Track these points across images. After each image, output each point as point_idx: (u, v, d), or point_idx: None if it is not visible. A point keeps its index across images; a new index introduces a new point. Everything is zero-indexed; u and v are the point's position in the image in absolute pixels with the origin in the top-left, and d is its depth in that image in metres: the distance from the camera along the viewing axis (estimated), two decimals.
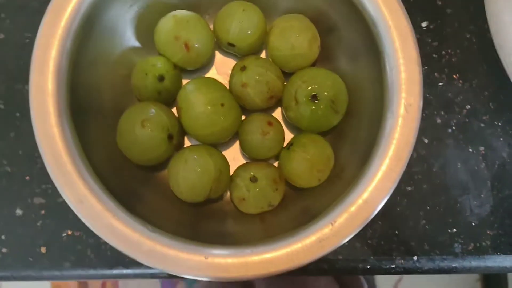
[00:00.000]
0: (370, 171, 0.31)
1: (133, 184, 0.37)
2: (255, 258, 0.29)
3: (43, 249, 0.39)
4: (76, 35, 0.32)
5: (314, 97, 0.36)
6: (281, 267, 0.29)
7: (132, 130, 0.35)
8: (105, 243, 0.39)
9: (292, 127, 0.40)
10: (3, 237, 0.39)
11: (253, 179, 0.36)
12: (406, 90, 0.31)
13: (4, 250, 0.39)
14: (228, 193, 0.39)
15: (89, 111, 0.35)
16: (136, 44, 0.39)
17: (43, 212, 0.40)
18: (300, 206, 0.37)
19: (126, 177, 0.37)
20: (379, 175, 0.30)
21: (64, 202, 0.39)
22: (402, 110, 0.31)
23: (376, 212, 0.30)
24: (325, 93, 0.36)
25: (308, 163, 0.36)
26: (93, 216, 0.29)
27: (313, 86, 0.36)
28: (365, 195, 0.30)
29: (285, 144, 0.39)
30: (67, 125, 0.31)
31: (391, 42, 0.31)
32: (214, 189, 0.36)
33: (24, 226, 0.40)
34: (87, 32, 0.33)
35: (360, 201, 0.30)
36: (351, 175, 0.34)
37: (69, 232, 0.39)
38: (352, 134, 0.38)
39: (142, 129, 0.35)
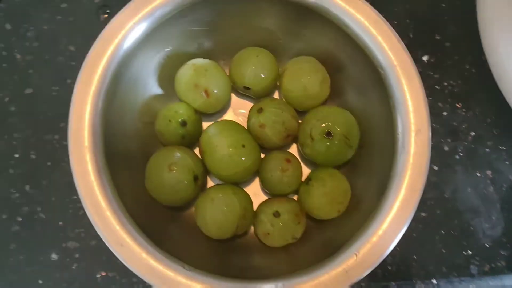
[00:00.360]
0: (387, 203, 0.33)
1: (161, 223, 0.39)
2: None
3: None
4: (107, 90, 0.34)
5: (329, 134, 0.38)
6: None
7: (160, 174, 0.37)
8: (138, 283, 0.41)
9: (309, 162, 0.42)
10: (40, 281, 0.41)
11: (276, 214, 0.38)
12: (416, 125, 0.33)
13: None
14: (252, 228, 0.41)
15: (119, 159, 0.37)
16: (158, 92, 0.42)
17: (77, 255, 0.42)
18: (322, 237, 0.39)
19: (155, 217, 0.39)
20: (396, 206, 0.32)
21: (97, 245, 0.41)
22: (413, 146, 0.33)
23: (397, 241, 0.32)
24: (338, 130, 0.38)
25: (327, 196, 0.38)
26: (133, 258, 0.31)
27: (326, 123, 0.38)
28: (385, 225, 0.32)
29: (303, 179, 0.41)
30: (104, 174, 0.33)
31: (399, 83, 0.34)
32: (240, 225, 0.38)
33: (60, 270, 0.41)
34: (116, 86, 0.36)
35: (380, 232, 0.32)
36: (368, 206, 0.36)
37: (103, 273, 0.41)
38: (365, 166, 0.40)
39: (169, 173, 0.37)
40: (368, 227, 0.33)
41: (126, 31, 0.35)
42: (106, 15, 0.46)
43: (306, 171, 0.42)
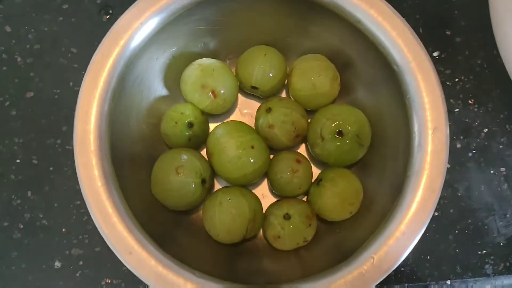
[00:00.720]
0: (404, 204, 0.32)
1: (168, 228, 0.38)
2: None
3: None
4: (113, 92, 0.33)
5: (340, 133, 0.37)
6: None
7: (167, 178, 0.36)
8: None
9: (318, 162, 0.41)
10: None
11: (287, 217, 0.37)
12: (432, 124, 0.32)
13: None
14: (262, 231, 0.40)
15: (124, 163, 0.36)
16: (163, 93, 0.41)
17: (81, 262, 0.41)
18: (333, 240, 0.38)
19: (161, 222, 0.38)
20: (413, 207, 0.31)
21: (101, 252, 0.40)
22: (430, 145, 0.32)
23: (414, 243, 0.31)
24: (350, 128, 0.37)
25: (339, 197, 0.37)
26: (142, 265, 0.30)
27: (337, 122, 0.37)
28: (402, 227, 0.31)
29: (313, 180, 0.40)
30: (110, 179, 0.32)
31: (415, 80, 0.33)
32: (250, 229, 0.37)
33: (64, 278, 0.40)
34: (122, 87, 0.35)
35: (397, 234, 0.31)
36: (381, 207, 0.35)
37: (108, 281, 0.40)
38: (376, 165, 0.39)
39: (176, 176, 0.36)
40: (384, 229, 0.32)
41: (132, 31, 0.34)
42: (108, 16, 0.45)
43: (316, 171, 0.41)
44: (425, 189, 0.31)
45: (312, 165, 0.41)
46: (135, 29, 0.33)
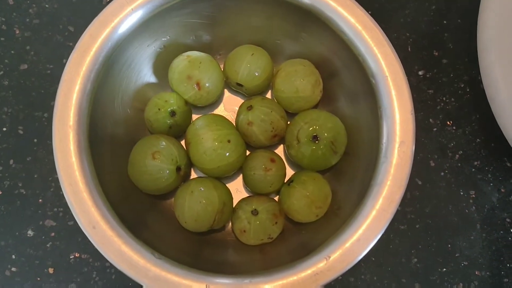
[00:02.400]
0: (365, 211, 0.33)
1: (140, 211, 0.39)
2: (251, 287, 0.31)
3: (51, 270, 0.41)
4: (98, 72, 0.35)
5: (315, 138, 0.38)
6: None
7: (143, 161, 0.37)
8: (110, 267, 0.41)
9: (293, 163, 0.42)
10: (13, 256, 0.41)
11: (254, 212, 0.38)
12: (400, 137, 0.33)
13: (13, 269, 0.41)
14: (230, 224, 0.41)
15: (104, 141, 0.37)
16: (151, 80, 0.42)
17: (53, 234, 0.42)
18: (298, 240, 0.39)
19: (134, 204, 0.39)
20: (372, 214, 0.32)
21: (73, 226, 0.42)
22: (395, 157, 0.33)
23: (368, 249, 0.32)
24: (325, 134, 0.38)
25: (307, 199, 0.38)
26: (104, 241, 0.31)
27: (314, 127, 0.38)
28: (359, 232, 0.32)
29: (286, 180, 0.41)
30: (85, 155, 0.33)
31: (388, 93, 0.34)
32: (218, 220, 0.38)
33: (34, 247, 0.42)
34: (108, 69, 0.36)
35: (354, 238, 0.32)
36: (347, 213, 0.36)
37: (77, 255, 0.41)
38: (349, 173, 0.40)
39: (152, 161, 0.37)
40: (342, 233, 0.33)
41: (123, 16, 0.35)
42: (108, 0, 0.46)
43: (290, 172, 0.42)
44: (384, 199, 0.32)
45: (287, 166, 0.42)
46: (126, 14, 0.35)
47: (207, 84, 0.40)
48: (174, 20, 0.39)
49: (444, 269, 0.42)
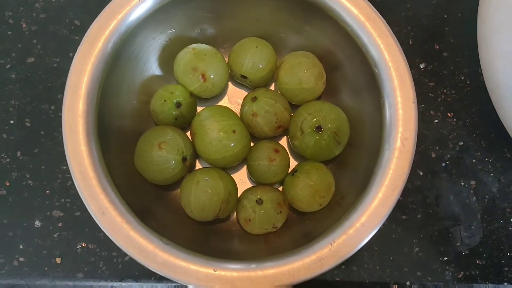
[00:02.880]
0: (368, 198, 0.33)
1: (147, 201, 0.40)
2: (260, 272, 0.32)
3: (58, 260, 0.42)
4: (106, 63, 0.35)
5: (319, 128, 0.39)
6: (283, 281, 0.32)
7: (149, 152, 0.38)
8: (117, 257, 0.41)
9: (297, 155, 0.43)
10: (21, 246, 0.42)
11: (259, 202, 0.39)
12: (403, 125, 0.34)
13: (21, 259, 0.42)
14: (235, 214, 0.41)
15: (112, 132, 0.38)
16: (157, 72, 0.43)
17: (60, 224, 0.42)
18: (302, 229, 0.40)
19: (141, 194, 0.39)
20: (376, 201, 0.33)
21: (81, 216, 0.42)
22: (398, 144, 0.34)
23: (371, 235, 0.32)
24: (329, 125, 0.39)
25: (311, 189, 0.39)
26: (114, 227, 0.32)
27: (317, 118, 0.39)
28: (363, 219, 0.33)
29: (289, 170, 0.42)
30: (94, 144, 0.34)
31: (391, 82, 0.35)
32: (223, 209, 0.38)
33: (42, 237, 0.42)
34: (115, 61, 0.36)
35: (357, 225, 0.33)
36: (350, 202, 0.36)
37: (84, 244, 0.42)
38: (352, 163, 0.41)
39: (159, 151, 0.38)
40: (346, 220, 0.33)
41: (130, 7, 0.36)
42: None
43: (293, 164, 0.43)
44: (388, 186, 0.33)
45: (291, 157, 0.43)
46: (133, 6, 0.35)
47: (212, 76, 0.41)
48: (179, 13, 0.40)
49: (446, 258, 0.43)
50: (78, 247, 0.42)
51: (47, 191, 0.43)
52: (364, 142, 0.40)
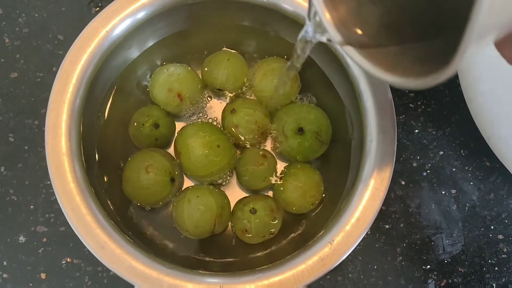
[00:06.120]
0: (358, 192, 0.34)
1: (139, 225, 0.40)
2: (265, 282, 0.32)
3: (43, 275, 0.42)
4: (82, 97, 0.36)
5: (300, 130, 0.40)
6: (289, 287, 0.32)
7: (137, 177, 0.38)
8: (102, 272, 0.41)
9: (283, 159, 0.43)
10: (5, 263, 0.42)
11: (253, 211, 0.39)
12: (380, 114, 0.35)
13: (5, 275, 0.41)
14: (230, 226, 0.42)
15: (98, 162, 0.39)
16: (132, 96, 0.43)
17: (44, 239, 0.42)
18: (299, 231, 0.41)
19: (132, 218, 0.40)
20: (366, 195, 0.34)
21: (65, 231, 0.42)
22: (379, 133, 0.35)
23: (368, 228, 0.33)
24: (310, 126, 0.40)
25: (300, 190, 0.39)
26: (115, 260, 0.32)
27: (297, 120, 0.40)
28: (357, 214, 0.34)
29: (278, 174, 0.42)
30: (82, 178, 0.34)
31: (362, 74, 0.36)
32: (218, 224, 0.39)
33: (26, 253, 0.42)
34: (91, 92, 0.37)
35: (353, 220, 0.34)
36: (342, 197, 0.37)
37: (69, 260, 0.42)
38: (339, 159, 0.42)
39: (146, 175, 0.38)
40: (341, 216, 0.34)
41: (99, 39, 0.36)
42: (97, 8, 0.47)
43: (281, 166, 0.43)
44: (376, 178, 0.34)
45: (278, 162, 0.43)
46: (101, 37, 0.36)
47: (187, 94, 0.41)
48: (153, 34, 0.40)
49: (428, 266, 0.43)
50: (63, 262, 0.42)
51: (31, 206, 0.43)
52: (347, 136, 0.40)
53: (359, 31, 0.26)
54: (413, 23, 0.25)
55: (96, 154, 0.38)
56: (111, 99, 0.40)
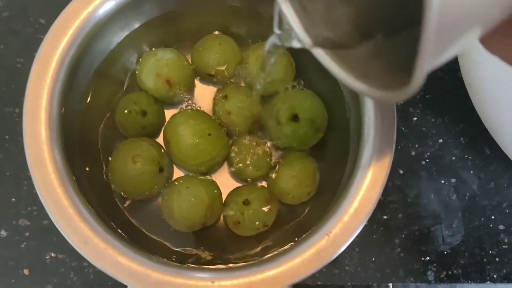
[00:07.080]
0: (357, 181, 0.32)
1: (125, 218, 0.38)
2: (259, 276, 0.31)
3: (26, 271, 0.40)
4: (62, 83, 0.33)
5: (295, 117, 0.38)
6: (284, 282, 0.30)
7: (124, 167, 0.36)
8: (88, 267, 0.40)
9: (277, 147, 0.42)
10: None
11: (246, 202, 0.38)
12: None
13: None
14: (222, 218, 0.40)
15: (79, 152, 0.36)
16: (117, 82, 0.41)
17: (27, 234, 0.40)
18: (294, 223, 0.39)
19: (118, 211, 0.38)
20: (365, 183, 0.32)
21: (49, 225, 0.40)
22: (378, 116, 0.33)
23: (366, 219, 0.31)
24: (305, 113, 0.38)
25: (296, 179, 0.38)
26: (99, 255, 0.30)
27: (292, 107, 0.38)
28: (355, 204, 0.32)
29: (272, 164, 0.40)
30: (63, 169, 0.32)
31: None
32: (209, 216, 0.37)
33: (8, 248, 0.40)
34: (73, 77, 0.34)
35: (351, 211, 0.32)
36: (340, 187, 0.35)
37: (53, 255, 0.40)
38: (336, 147, 0.40)
39: (133, 165, 0.36)
40: (338, 207, 0.32)
41: (80, 20, 0.34)
42: None
43: (275, 156, 0.41)
44: (375, 167, 0.32)
45: (272, 151, 0.41)
46: (83, 18, 0.34)
47: (177, 80, 0.39)
48: (136, 16, 0.38)
49: (428, 258, 0.42)
50: (47, 257, 0.40)
51: (13, 199, 0.41)
52: (343, 123, 0.38)
53: (329, 31, 0.25)
54: (384, 20, 0.24)
55: (79, 143, 0.36)
56: (94, 85, 0.38)
